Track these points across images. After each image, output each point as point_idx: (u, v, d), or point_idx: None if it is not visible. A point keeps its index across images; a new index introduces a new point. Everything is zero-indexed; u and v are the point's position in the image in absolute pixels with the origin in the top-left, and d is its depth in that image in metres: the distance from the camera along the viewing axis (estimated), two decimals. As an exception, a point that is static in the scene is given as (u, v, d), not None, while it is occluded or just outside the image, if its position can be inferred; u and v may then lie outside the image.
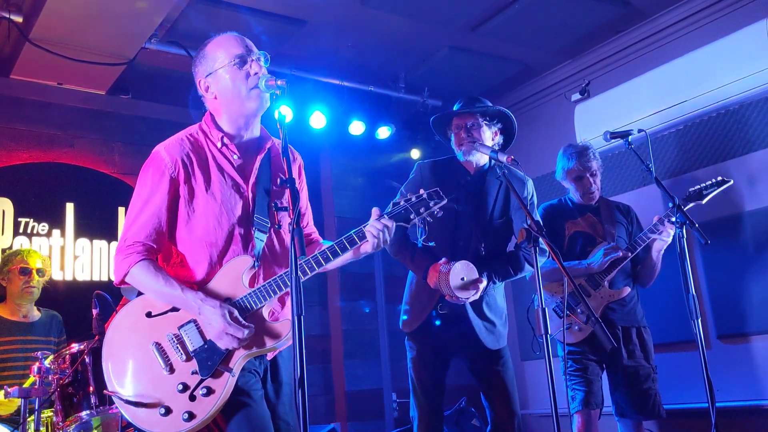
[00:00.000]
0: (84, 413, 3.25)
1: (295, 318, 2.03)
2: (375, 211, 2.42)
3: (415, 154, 6.54)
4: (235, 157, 2.48)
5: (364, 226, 2.39)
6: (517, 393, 3.48)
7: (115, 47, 4.98)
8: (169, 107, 5.81)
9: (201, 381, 2.25)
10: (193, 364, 2.27)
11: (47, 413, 3.32)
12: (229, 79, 2.44)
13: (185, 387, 2.25)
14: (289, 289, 2.31)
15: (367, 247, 2.40)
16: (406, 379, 3.56)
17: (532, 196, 3.57)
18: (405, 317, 3.58)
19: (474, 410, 5.81)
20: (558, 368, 3.74)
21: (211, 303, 2.27)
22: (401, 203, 2.43)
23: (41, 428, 3.34)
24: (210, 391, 2.25)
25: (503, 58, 5.97)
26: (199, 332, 2.30)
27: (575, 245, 3.96)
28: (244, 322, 2.27)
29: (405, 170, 6.79)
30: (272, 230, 2.48)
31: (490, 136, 3.53)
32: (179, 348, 2.29)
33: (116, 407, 3.27)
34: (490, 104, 3.60)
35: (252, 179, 2.48)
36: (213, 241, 2.39)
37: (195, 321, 2.32)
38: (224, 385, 2.25)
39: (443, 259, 3.31)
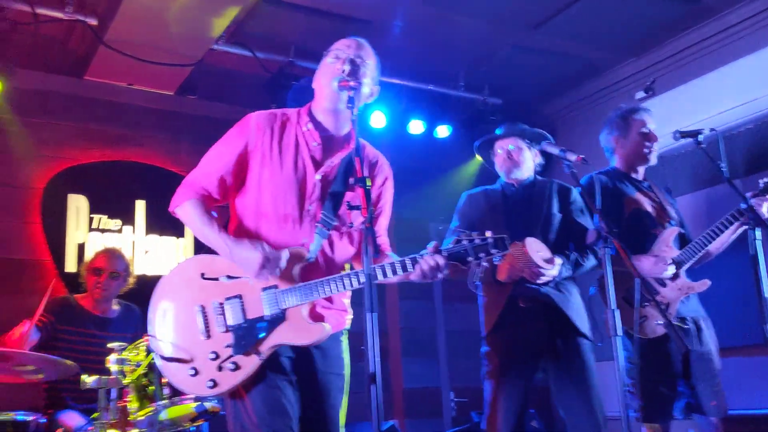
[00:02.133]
0: (157, 404, 3.34)
1: (369, 315, 2.08)
2: (434, 245, 2.36)
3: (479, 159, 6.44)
4: (315, 144, 2.54)
5: (419, 256, 2.36)
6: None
7: (184, 48, 5.12)
8: (234, 107, 5.92)
9: (231, 356, 2.33)
10: (229, 338, 2.35)
11: (122, 404, 3.43)
12: (321, 72, 2.58)
13: (217, 356, 2.34)
14: (332, 293, 2.37)
15: (414, 277, 2.39)
16: (463, 379, 3.56)
17: (579, 201, 3.65)
18: (485, 321, 3.57)
19: (534, 411, 5.77)
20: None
21: (250, 245, 2.35)
22: (463, 242, 2.35)
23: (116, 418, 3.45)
24: (237, 367, 2.33)
25: (566, 56, 5.91)
26: (242, 309, 2.38)
27: (638, 226, 3.68)
28: (278, 254, 2.35)
29: (463, 170, 6.77)
30: (332, 233, 2.51)
31: (530, 157, 3.69)
32: (220, 318, 2.37)
33: (187, 399, 3.40)
34: (528, 127, 3.73)
35: (324, 171, 2.52)
36: (266, 213, 2.47)
37: (241, 297, 2.38)
38: (251, 365, 2.33)
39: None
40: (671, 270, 3.56)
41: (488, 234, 2.34)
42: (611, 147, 3.93)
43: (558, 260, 3.34)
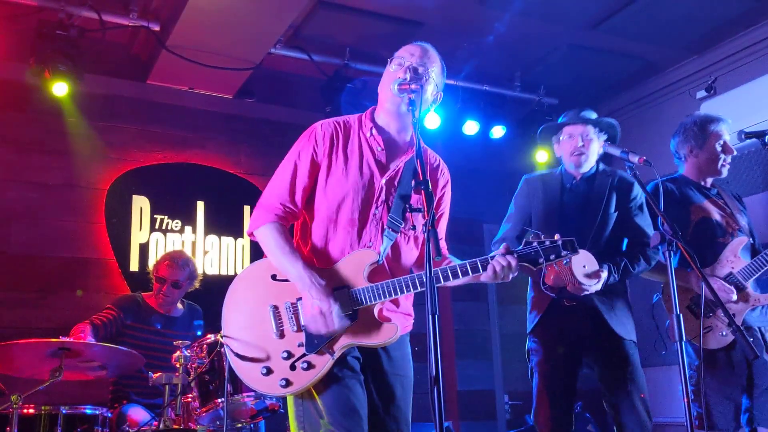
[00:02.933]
0: (219, 400, 3.43)
1: (430, 317, 2.08)
2: (504, 246, 2.43)
3: (542, 156, 6.27)
4: (379, 149, 2.57)
5: (490, 257, 2.41)
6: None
7: (242, 52, 5.22)
8: (291, 110, 6.01)
9: (304, 355, 2.36)
10: (301, 337, 2.38)
11: (186, 400, 3.52)
12: (384, 78, 2.61)
13: (290, 355, 2.37)
14: (402, 294, 2.40)
15: (485, 278, 2.43)
16: (518, 382, 3.57)
17: (639, 197, 3.59)
18: (530, 318, 3.61)
19: (589, 416, 5.70)
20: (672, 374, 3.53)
21: (322, 291, 2.36)
22: (534, 244, 2.43)
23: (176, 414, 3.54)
24: (310, 366, 2.35)
25: (624, 55, 5.83)
26: None
27: (704, 235, 3.60)
28: (335, 319, 2.35)
29: (517, 171, 6.72)
30: (399, 236, 2.53)
31: (596, 149, 3.60)
32: (293, 318, 2.41)
33: (248, 396, 3.48)
34: (596, 114, 3.67)
35: (389, 175, 2.54)
36: (333, 218, 2.50)
37: None
38: (324, 365, 2.36)
39: None
40: (734, 297, 3.48)
41: (557, 237, 2.41)
42: (683, 155, 3.82)
43: (604, 273, 3.30)
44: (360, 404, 2.38)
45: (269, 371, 2.37)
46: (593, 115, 3.64)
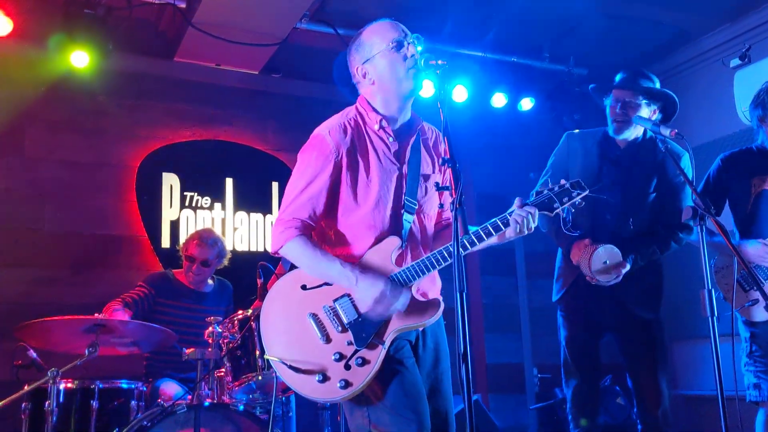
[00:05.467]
0: (251, 375, 3.48)
1: (458, 294, 2.09)
2: (518, 200, 2.45)
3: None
4: (391, 139, 2.54)
5: (508, 213, 2.41)
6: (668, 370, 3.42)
7: (268, 28, 5.20)
8: (317, 85, 6.00)
9: (356, 351, 2.34)
10: (348, 336, 2.36)
11: (219, 374, 3.57)
12: (387, 64, 2.50)
13: (341, 356, 2.34)
14: (436, 269, 2.39)
15: (510, 233, 2.43)
16: (546, 355, 3.60)
17: (687, 170, 3.41)
18: (556, 287, 3.62)
19: (619, 389, 5.69)
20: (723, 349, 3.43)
21: (369, 276, 2.36)
22: (544, 192, 2.47)
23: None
24: (365, 362, 2.33)
25: (656, 23, 5.70)
26: (353, 306, 2.39)
27: (759, 208, 3.44)
28: (396, 293, 2.35)
29: (546, 143, 6.67)
30: (418, 213, 2.54)
31: (647, 115, 3.44)
32: (335, 319, 2.38)
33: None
34: (653, 82, 3.49)
35: (404, 162, 2.54)
36: (372, 224, 2.47)
37: (349, 295, 2.40)
38: (377, 356, 2.34)
39: (587, 240, 3.34)
40: None
41: (563, 182, 2.48)
42: (756, 123, 3.57)
43: (625, 268, 3.29)
44: (420, 384, 2.39)
45: (325, 378, 2.33)
46: (646, 80, 3.49)
